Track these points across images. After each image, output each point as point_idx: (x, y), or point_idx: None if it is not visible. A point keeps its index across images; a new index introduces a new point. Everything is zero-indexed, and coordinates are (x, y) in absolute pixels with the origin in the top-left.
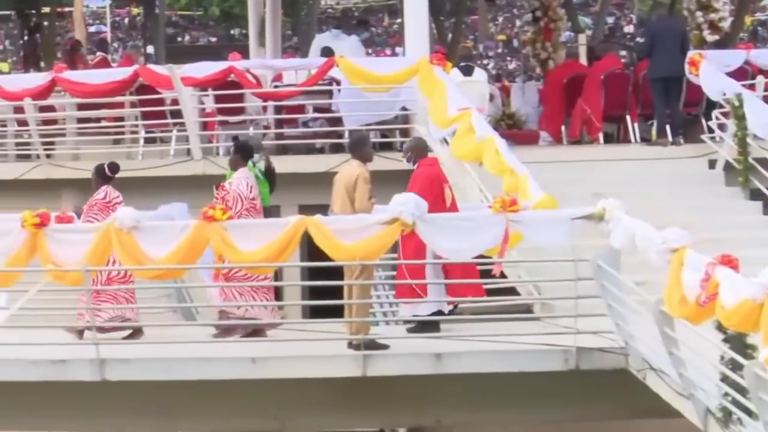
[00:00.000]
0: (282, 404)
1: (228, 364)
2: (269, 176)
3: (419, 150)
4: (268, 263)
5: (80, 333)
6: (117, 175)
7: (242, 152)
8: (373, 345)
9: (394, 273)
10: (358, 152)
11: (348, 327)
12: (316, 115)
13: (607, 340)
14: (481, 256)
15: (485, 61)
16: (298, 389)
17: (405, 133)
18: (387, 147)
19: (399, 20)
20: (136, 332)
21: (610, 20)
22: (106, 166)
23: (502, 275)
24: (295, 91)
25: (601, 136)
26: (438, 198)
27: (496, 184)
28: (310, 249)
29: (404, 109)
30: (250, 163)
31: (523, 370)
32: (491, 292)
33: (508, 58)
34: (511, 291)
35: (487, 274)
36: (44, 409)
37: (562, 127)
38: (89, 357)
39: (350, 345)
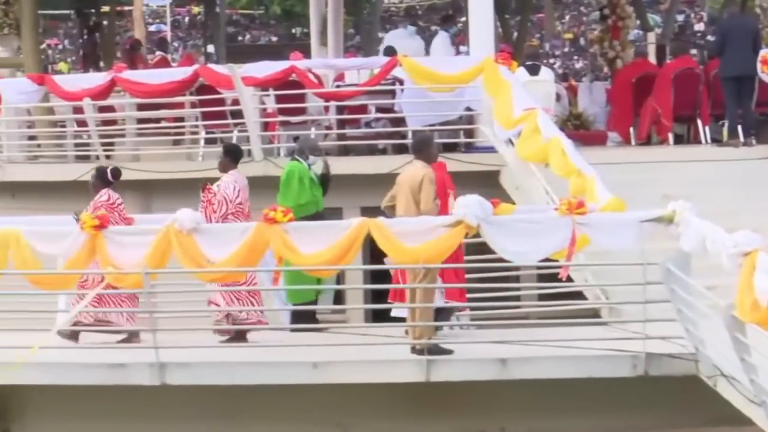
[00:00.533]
0: (344, 409)
1: (289, 369)
2: (324, 181)
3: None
4: (330, 266)
5: (75, 336)
6: (169, 176)
7: (231, 154)
8: (436, 350)
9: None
10: (423, 153)
11: (411, 331)
12: (379, 115)
13: (676, 346)
14: (547, 260)
15: (552, 60)
16: (360, 394)
17: (469, 133)
18: (451, 148)
19: (463, 19)
20: (132, 336)
21: (680, 18)
22: (108, 170)
23: (569, 279)
24: (357, 91)
25: (671, 136)
26: (442, 202)
27: (563, 186)
28: (373, 251)
29: (468, 109)
30: (305, 164)
31: (591, 376)
32: (558, 297)
33: (575, 57)
34: (578, 295)
35: (553, 278)
36: (103, 413)
37: (631, 128)
38: (149, 361)
39: (413, 350)
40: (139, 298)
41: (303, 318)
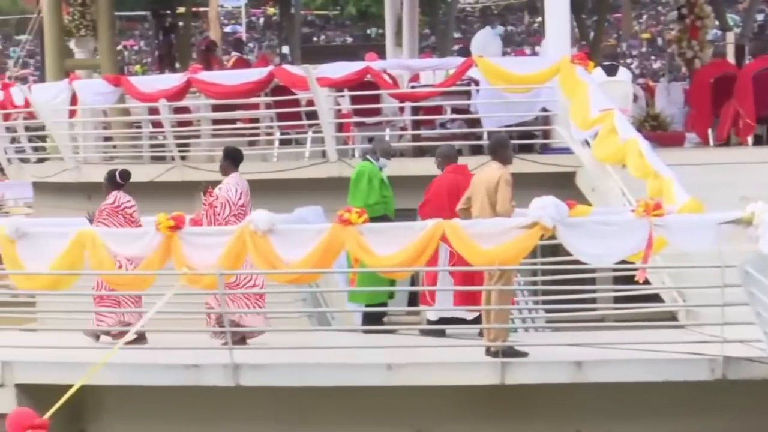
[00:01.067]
0: (418, 411)
1: (363, 371)
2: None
3: (447, 157)
4: (405, 267)
5: (96, 336)
6: (247, 178)
7: (231, 158)
8: (511, 352)
9: (534, 278)
10: (499, 154)
11: (486, 333)
12: (454, 116)
13: (755, 350)
14: (624, 262)
15: (629, 61)
16: (434, 396)
17: (545, 134)
18: (527, 149)
19: (539, 18)
20: (141, 337)
21: (760, 17)
22: (117, 172)
23: (646, 281)
24: (432, 92)
25: (749, 137)
26: (453, 206)
27: (640, 188)
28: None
29: (544, 110)
30: (376, 166)
31: (668, 379)
32: (634, 299)
33: (653, 57)
34: (655, 298)
35: (630, 280)
36: (177, 414)
37: (709, 129)
38: (223, 362)
39: (488, 352)
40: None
41: (375, 320)
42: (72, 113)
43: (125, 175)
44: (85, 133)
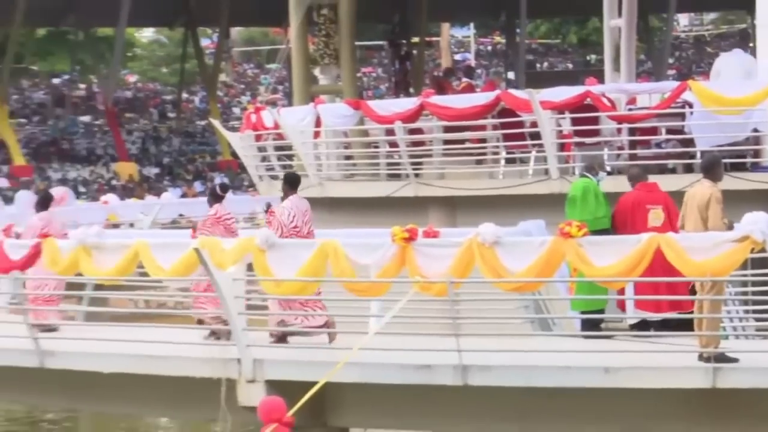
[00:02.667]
0: (632, 413)
1: (582, 373)
2: None
3: (636, 177)
4: (621, 278)
5: (213, 334)
6: (472, 193)
7: (289, 182)
8: (722, 358)
9: (744, 288)
10: (711, 172)
11: (699, 340)
12: (669, 136)
13: None
14: None
15: None
16: (647, 399)
17: (756, 153)
18: (737, 167)
19: (751, 44)
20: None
21: None
22: (217, 186)
23: None
24: (648, 114)
25: None
26: (636, 218)
27: None
28: None
29: (755, 130)
30: (594, 180)
31: None
32: None
33: None
34: None
35: None
36: (410, 409)
37: None
38: (453, 363)
39: (701, 357)
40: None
41: (593, 326)
42: (316, 134)
43: (225, 188)
44: (328, 152)
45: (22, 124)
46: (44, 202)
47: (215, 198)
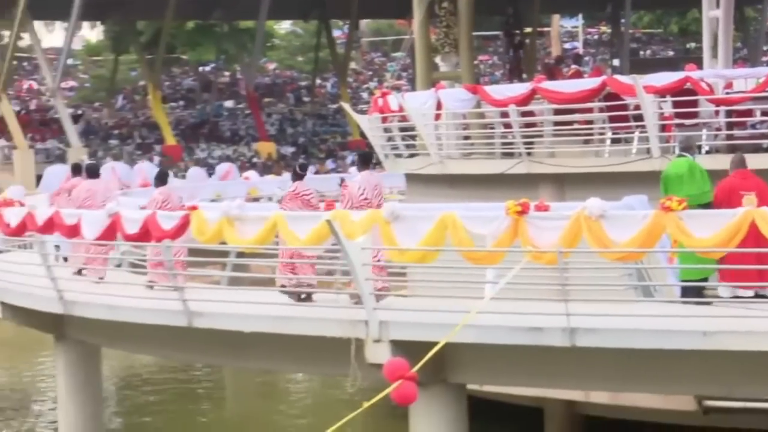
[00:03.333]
0: (729, 374)
1: (681, 336)
2: None
3: (735, 163)
4: (720, 248)
5: (297, 296)
6: (580, 171)
7: (360, 159)
8: None
9: None
10: None
11: None
12: (764, 118)
13: None
14: None
15: None
16: (744, 361)
17: None
18: None
19: None
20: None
21: None
22: (297, 165)
23: None
24: (744, 97)
25: None
26: (732, 203)
27: None
28: None
29: None
30: (690, 157)
31: None
32: None
33: None
34: None
35: None
36: (522, 368)
37: None
38: (561, 326)
39: None
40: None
41: (693, 293)
42: (437, 116)
43: (303, 167)
44: (448, 133)
45: (173, 108)
46: (162, 177)
47: (296, 176)
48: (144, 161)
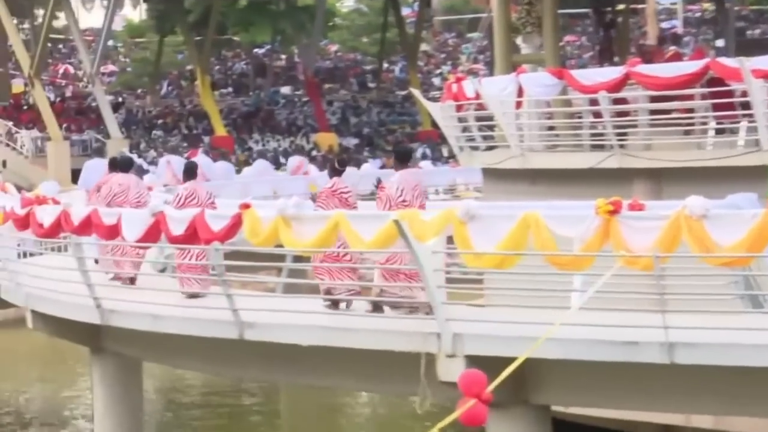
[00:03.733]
0: None
1: None
2: None
3: None
4: None
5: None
6: (679, 165)
7: (398, 156)
8: None
9: None
10: None
11: None
12: None
13: None
14: None
15: None
16: None
17: None
18: None
19: None
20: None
21: None
22: (336, 160)
23: None
24: None
25: None
26: None
27: None
28: None
29: None
30: None
31: None
32: None
33: None
34: None
35: None
36: (615, 387)
37: None
38: (659, 340)
39: None
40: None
41: None
42: (518, 104)
43: (343, 162)
44: (530, 122)
45: (224, 95)
46: (190, 171)
47: (334, 171)
48: (200, 153)
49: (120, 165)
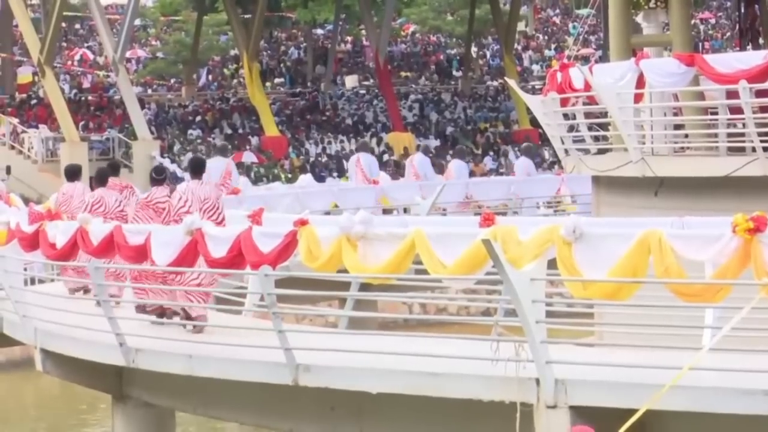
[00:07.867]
0: None
1: None
2: None
3: None
4: None
5: None
6: None
7: (192, 168)
8: None
9: None
10: None
11: None
12: None
13: None
14: None
15: None
16: None
17: None
18: None
19: None
20: None
21: None
22: (153, 169)
23: None
24: None
25: None
26: None
27: None
28: None
29: None
30: None
31: None
32: None
33: None
34: None
35: None
36: None
37: None
38: None
39: None
40: None
41: None
42: (638, 97)
43: (159, 171)
44: (653, 120)
45: (276, 86)
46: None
47: (152, 181)
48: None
49: (67, 173)
